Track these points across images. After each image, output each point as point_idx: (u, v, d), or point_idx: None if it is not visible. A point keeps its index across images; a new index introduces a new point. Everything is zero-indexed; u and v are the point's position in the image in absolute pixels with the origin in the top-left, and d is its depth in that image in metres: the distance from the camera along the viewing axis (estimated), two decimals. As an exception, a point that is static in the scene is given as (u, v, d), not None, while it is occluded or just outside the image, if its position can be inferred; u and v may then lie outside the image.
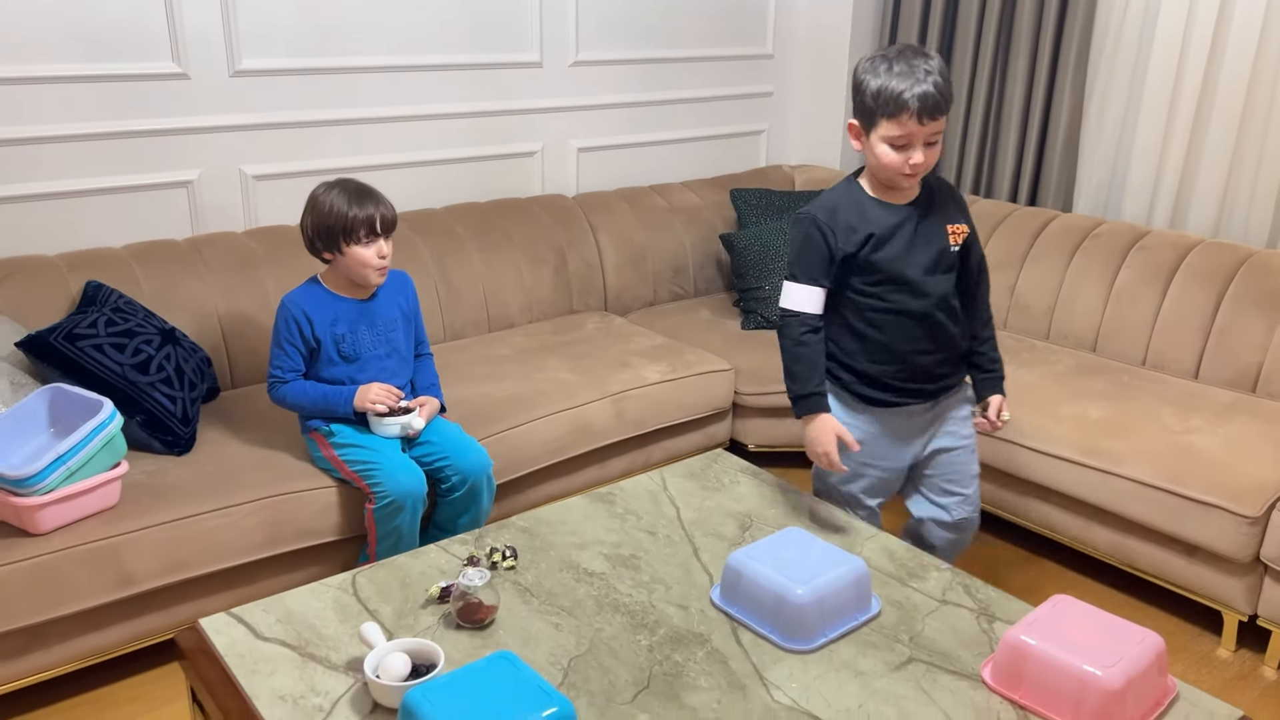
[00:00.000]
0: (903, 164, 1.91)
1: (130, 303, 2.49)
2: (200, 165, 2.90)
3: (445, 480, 2.37)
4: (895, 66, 1.87)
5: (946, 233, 2.03)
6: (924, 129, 1.88)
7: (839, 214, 2.01)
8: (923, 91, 1.84)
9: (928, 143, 1.90)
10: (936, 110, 1.88)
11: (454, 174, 3.39)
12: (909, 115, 1.86)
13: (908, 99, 1.85)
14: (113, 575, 2.07)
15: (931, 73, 1.86)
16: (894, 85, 1.86)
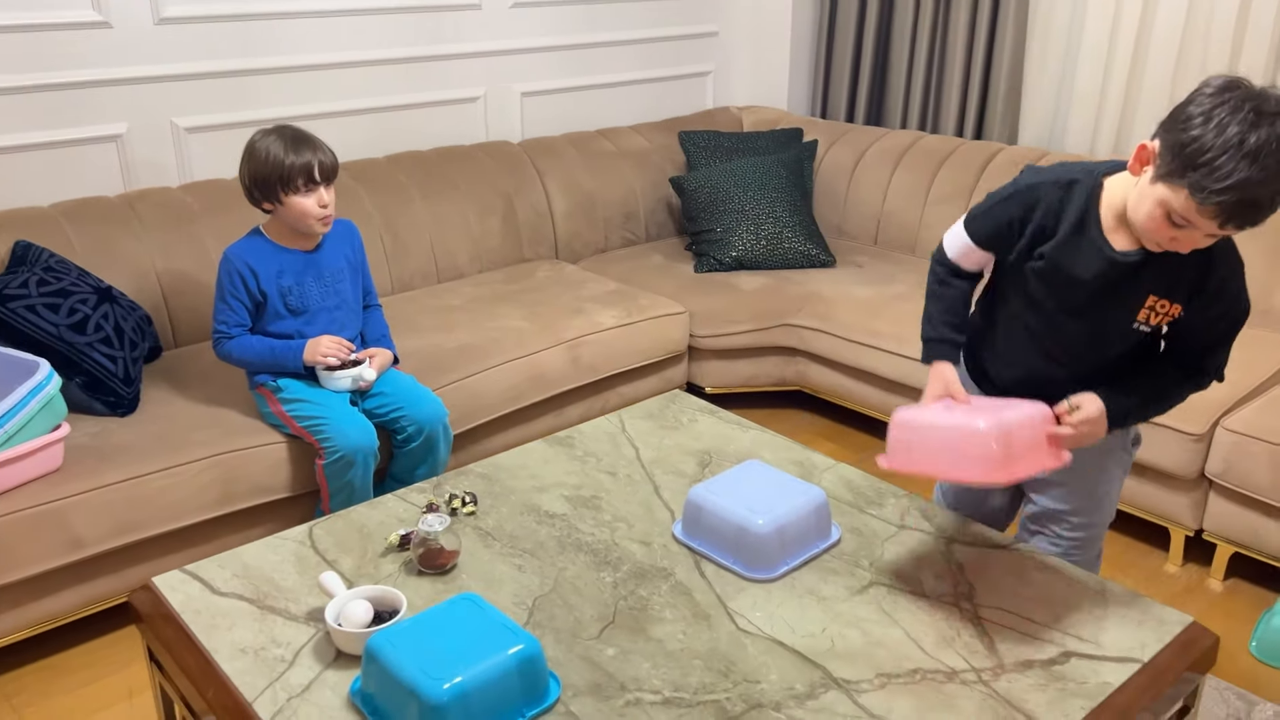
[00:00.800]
0: (1166, 236, 1.43)
1: (63, 262, 2.41)
2: (128, 118, 2.79)
3: (401, 431, 2.34)
4: (1234, 124, 1.29)
5: (1143, 302, 1.56)
6: (1216, 227, 1.37)
7: (1050, 205, 1.59)
8: (1238, 198, 1.31)
9: (1209, 234, 1.40)
10: (1251, 221, 1.35)
11: (394, 122, 3.31)
12: (1209, 211, 1.34)
13: (1216, 189, 1.30)
14: (61, 539, 2.02)
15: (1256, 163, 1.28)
16: (1215, 156, 1.30)
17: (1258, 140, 1.28)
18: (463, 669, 1.33)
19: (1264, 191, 1.31)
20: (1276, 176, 1.29)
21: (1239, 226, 1.36)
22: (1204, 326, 1.58)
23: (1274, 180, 1.30)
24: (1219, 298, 1.55)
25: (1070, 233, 1.57)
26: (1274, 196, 1.32)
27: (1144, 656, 1.51)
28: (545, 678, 1.42)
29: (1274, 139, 1.28)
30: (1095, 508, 1.82)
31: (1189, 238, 1.42)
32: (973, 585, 1.67)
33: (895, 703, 1.42)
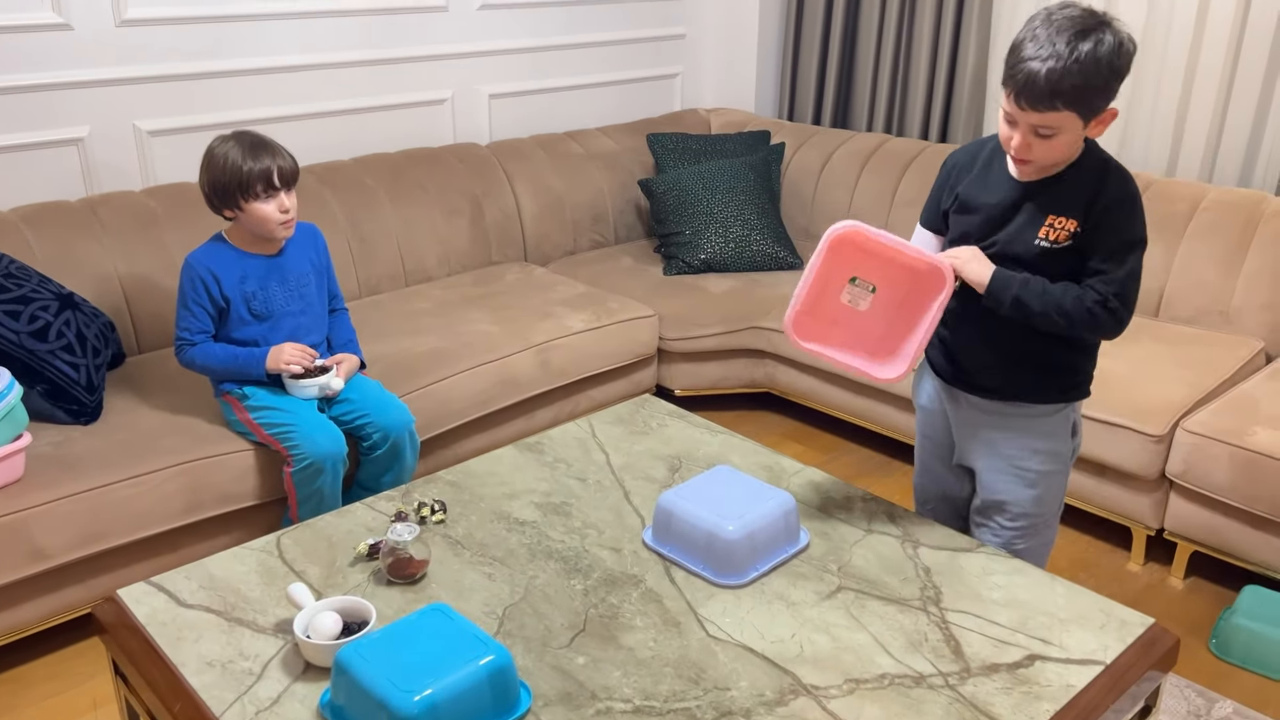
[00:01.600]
0: (1006, 139, 1.64)
1: (23, 268, 2.37)
2: (89, 121, 2.75)
3: (367, 438, 2.33)
4: (1036, 28, 1.56)
5: (1044, 221, 1.69)
6: (1023, 114, 1.58)
7: (961, 160, 1.83)
8: (1030, 70, 1.53)
9: (1038, 133, 1.59)
10: (1036, 100, 1.54)
11: (360, 124, 3.29)
12: (1010, 92, 1.57)
13: (1015, 72, 1.55)
14: (23, 550, 1.99)
15: (1060, 55, 1.51)
16: (1020, 50, 1.56)
17: (1046, 32, 1.53)
18: (433, 680, 1.33)
19: (1040, 66, 1.52)
20: (1052, 54, 1.51)
21: (1030, 103, 1.55)
22: (1095, 243, 1.68)
23: (1050, 57, 1.51)
24: (1106, 216, 1.67)
25: (980, 170, 1.78)
26: (1050, 73, 1.51)
27: (1107, 658, 1.53)
28: (516, 688, 1.42)
29: (1060, 30, 1.52)
30: (1033, 499, 1.86)
31: (1020, 137, 1.60)
32: (939, 589, 1.69)
33: (864, 708, 1.43)
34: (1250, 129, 3.02)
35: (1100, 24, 1.53)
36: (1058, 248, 1.70)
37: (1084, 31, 1.52)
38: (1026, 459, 1.84)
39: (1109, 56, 1.52)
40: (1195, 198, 2.89)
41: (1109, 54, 1.52)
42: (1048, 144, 1.61)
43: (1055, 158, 1.65)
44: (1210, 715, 1.99)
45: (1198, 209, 2.86)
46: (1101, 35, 1.52)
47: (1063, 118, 1.56)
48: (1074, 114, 1.56)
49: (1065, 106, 1.54)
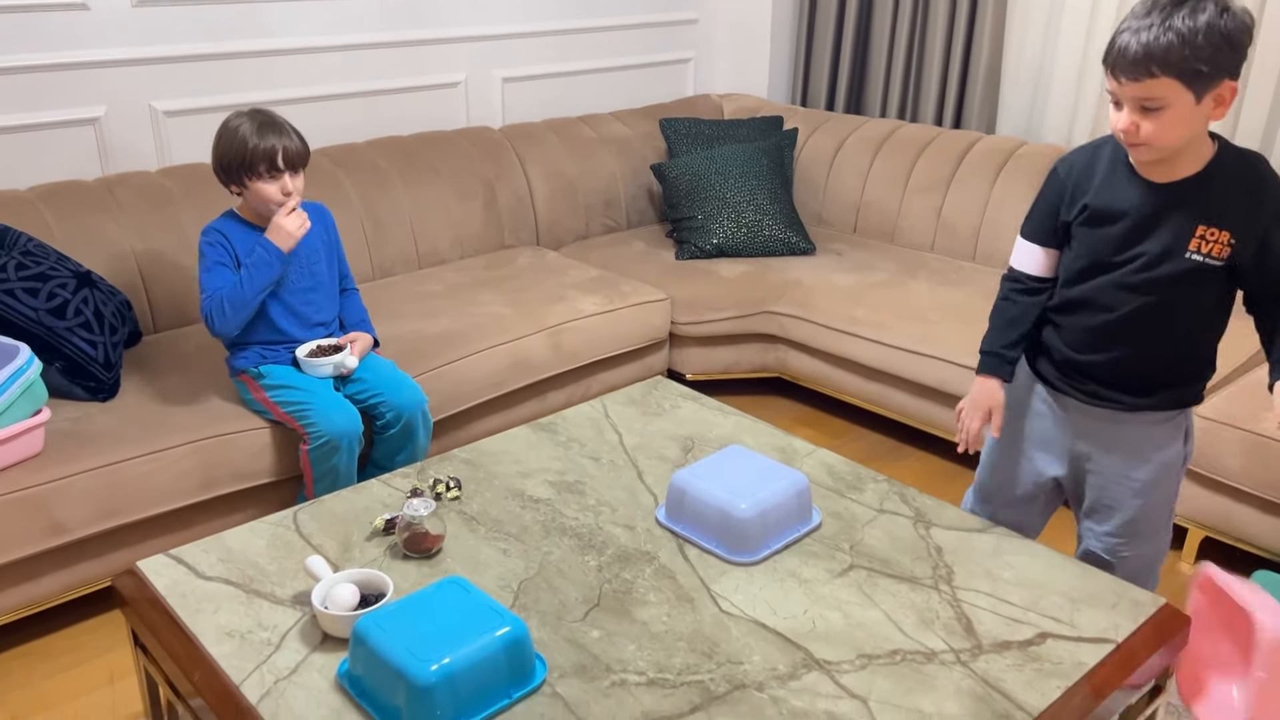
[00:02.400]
0: (1114, 123, 1.55)
1: (41, 246, 2.39)
2: (105, 101, 2.77)
3: (380, 417, 2.35)
4: (1136, 4, 1.50)
5: (1193, 231, 1.59)
6: (1123, 89, 1.51)
7: (1078, 164, 1.71)
8: (1124, 41, 1.48)
9: (1143, 108, 1.50)
10: (1131, 69, 1.47)
11: (375, 106, 3.30)
12: (1108, 68, 1.52)
13: (1111, 46, 1.50)
14: (42, 524, 2.01)
15: (1154, 23, 1.45)
16: (1119, 27, 1.50)
17: (1144, 6, 1.47)
18: (450, 651, 1.35)
19: (1132, 35, 1.46)
20: (1146, 24, 1.45)
21: (1125, 73, 1.48)
22: (1268, 260, 1.58)
23: (1144, 27, 1.45)
24: (1277, 224, 1.57)
25: (1106, 175, 1.66)
26: (1144, 39, 1.45)
27: (1118, 637, 1.54)
28: (532, 659, 1.43)
29: (1158, 3, 1.46)
30: (1140, 508, 1.80)
31: (1125, 116, 1.52)
32: (951, 568, 1.70)
33: (875, 683, 1.44)
34: None
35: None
36: (1213, 263, 1.59)
37: (1182, 2, 1.45)
38: (1136, 468, 1.77)
39: (1211, 20, 1.44)
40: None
41: (1210, 19, 1.44)
42: (1157, 121, 1.49)
43: (1170, 138, 1.51)
44: (1219, 698, 2.00)
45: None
46: (1203, 3, 1.45)
47: (1164, 86, 1.46)
48: (1176, 82, 1.46)
49: (1163, 73, 1.45)
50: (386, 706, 1.36)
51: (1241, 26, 1.46)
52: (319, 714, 1.38)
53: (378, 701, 1.37)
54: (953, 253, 3.35)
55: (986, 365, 1.84)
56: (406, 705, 1.32)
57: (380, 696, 1.37)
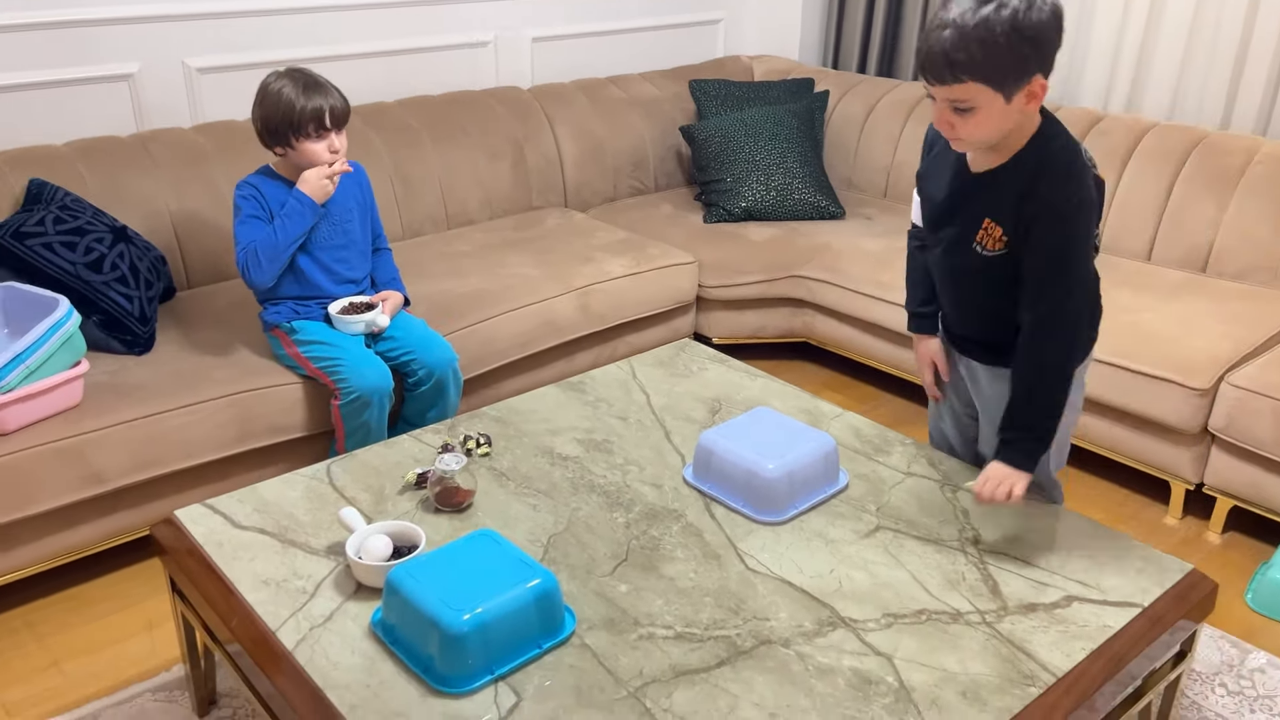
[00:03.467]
0: (933, 118, 1.56)
1: (78, 200, 2.42)
2: (140, 58, 2.78)
3: (411, 375, 2.37)
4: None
5: (980, 224, 1.62)
6: (933, 89, 1.50)
7: (933, 137, 1.75)
8: (929, 42, 1.46)
9: (955, 108, 1.49)
10: (937, 73, 1.45)
11: (405, 65, 3.29)
12: (917, 67, 1.56)
13: (919, 44, 1.49)
14: (81, 473, 2.05)
15: (957, 23, 1.41)
16: (928, 20, 1.49)
17: (933, 16, 1.45)
18: (482, 601, 1.37)
19: (937, 36, 1.43)
20: (951, 22, 1.41)
21: (931, 76, 1.47)
22: (1026, 259, 1.59)
23: (948, 26, 1.41)
24: (1034, 224, 1.56)
25: (939, 152, 1.71)
26: (946, 42, 1.41)
27: (1144, 601, 1.55)
28: (561, 611, 1.46)
29: (948, 8, 1.42)
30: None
31: (938, 112, 1.52)
32: (978, 531, 1.71)
33: (901, 641, 1.46)
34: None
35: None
36: (996, 256, 1.62)
37: (997, 5, 1.40)
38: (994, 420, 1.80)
39: (1012, 20, 1.39)
40: (1249, 151, 2.84)
41: (1012, 18, 1.39)
42: (969, 120, 1.48)
43: (984, 134, 1.51)
44: (1244, 665, 2.00)
45: (1251, 162, 2.81)
46: (1008, 4, 1.40)
47: (971, 90, 1.44)
48: (983, 85, 1.44)
49: (969, 78, 1.43)
50: (419, 654, 1.39)
51: (1047, 21, 1.43)
52: (353, 661, 1.42)
53: (410, 649, 1.40)
54: (984, 219, 3.32)
55: (911, 324, 1.94)
56: (439, 653, 1.35)
57: (413, 644, 1.40)
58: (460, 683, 1.35)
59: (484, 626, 1.36)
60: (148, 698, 1.90)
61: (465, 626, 1.34)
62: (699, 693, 1.36)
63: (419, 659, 1.39)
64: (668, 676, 1.39)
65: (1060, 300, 1.59)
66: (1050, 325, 1.60)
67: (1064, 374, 1.63)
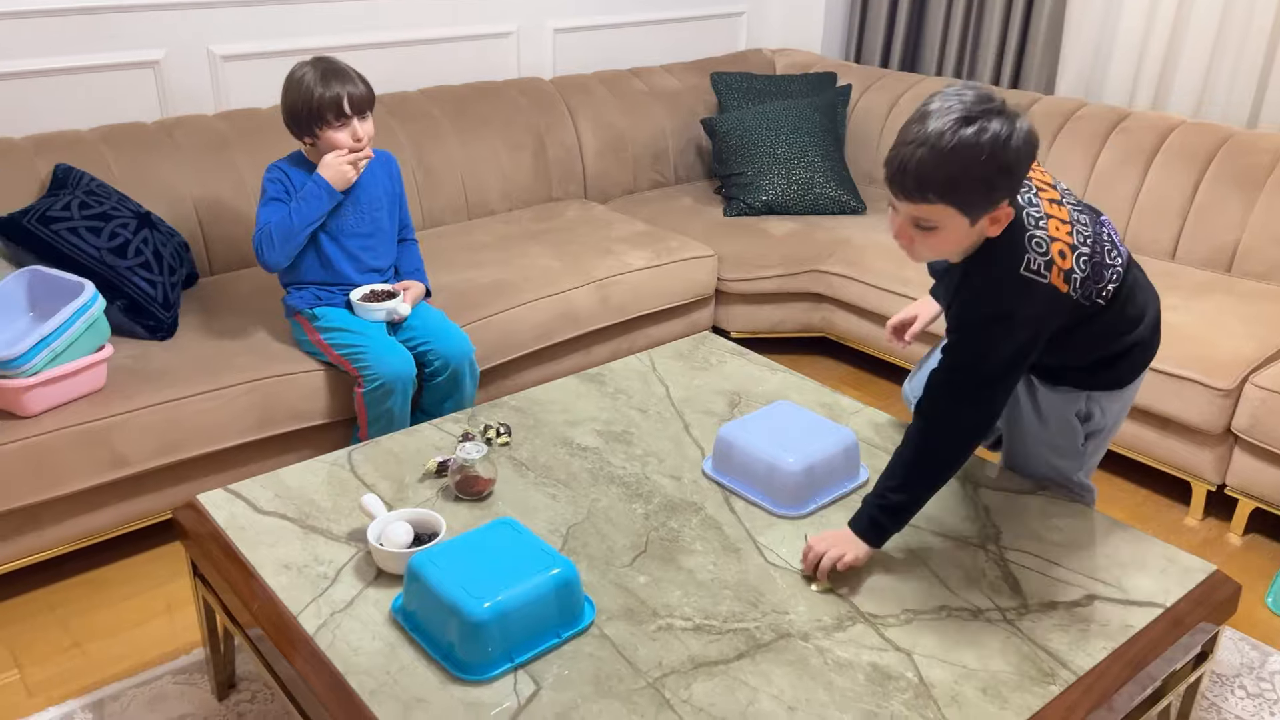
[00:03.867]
0: (890, 224, 1.52)
1: (103, 186, 2.43)
2: (165, 44, 2.79)
3: (428, 365, 2.37)
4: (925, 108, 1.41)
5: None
6: (898, 202, 1.46)
7: None
8: (902, 156, 1.40)
9: (918, 225, 1.46)
10: (905, 190, 1.42)
11: (427, 55, 3.30)
12: (885, 176, 1.45)
13: (891, 156, 1.43)
14: (104, 457, 2.07)
15: (934, 143, 1.36)
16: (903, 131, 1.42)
17: (931, 115, 1.38)
18: (503, 589, 1.38)
19: (912, 153, 1.38)
20: (927, 141, 1.36)
21: (901, 192, 1.42)
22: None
23: (924, 144, 1.36)
24: (950, 329, 1.56)
25: None
26: (921, 161, 1.37)
27: (1166, 602, 1.54)
28: (581, 601, 1.46)
29: (943, 114, 1.36)
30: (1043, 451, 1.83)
31: (898, 225, 1.48)
32: (999, 529, 1.70)
33: (921, 637, 1.46)
34: (1340, 81, 2.91)
35: (989, 111, 1.36)
36: None
37: (968, 119, 1.35)
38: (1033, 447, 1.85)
39: (991, 147, 1.35)
40: (1276, 150, 2.80)
41: (991, 144, 1.35)
42: (929, 238, 1.45)
43: (940, 254, 1.51)
44: (1264, 668, 1.99)
45: (1279, 162, 2.78)
46: (987, 124, 1.35)
47: (938, 211, 1.41)
48: (951, 208, 1.41)
49: (939, 199, 1.40)
50: (439, 641, 1.39)
51: (1023, 149, 1.38)
52: (373, 646, 1.42)
53: (430, 636, 1.41)
54: (1006, 215, 3.30)
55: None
56: (459, 640, 1.36)
57: (433, 631, 1.40)
58: (479, 670, 1.36)
59: (504, 615, 1.36)
60: (168, 680, 1.91)
61: (485, 614, 1.35)
62: (718, 684, 1.36)
63: (439, 646, 1.39)
64: (687, 668, 1.39)
65: (934, 415, 1.56)
66: (940, 425, 1.56)
67: (942, 476, 1.58)
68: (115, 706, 1.85)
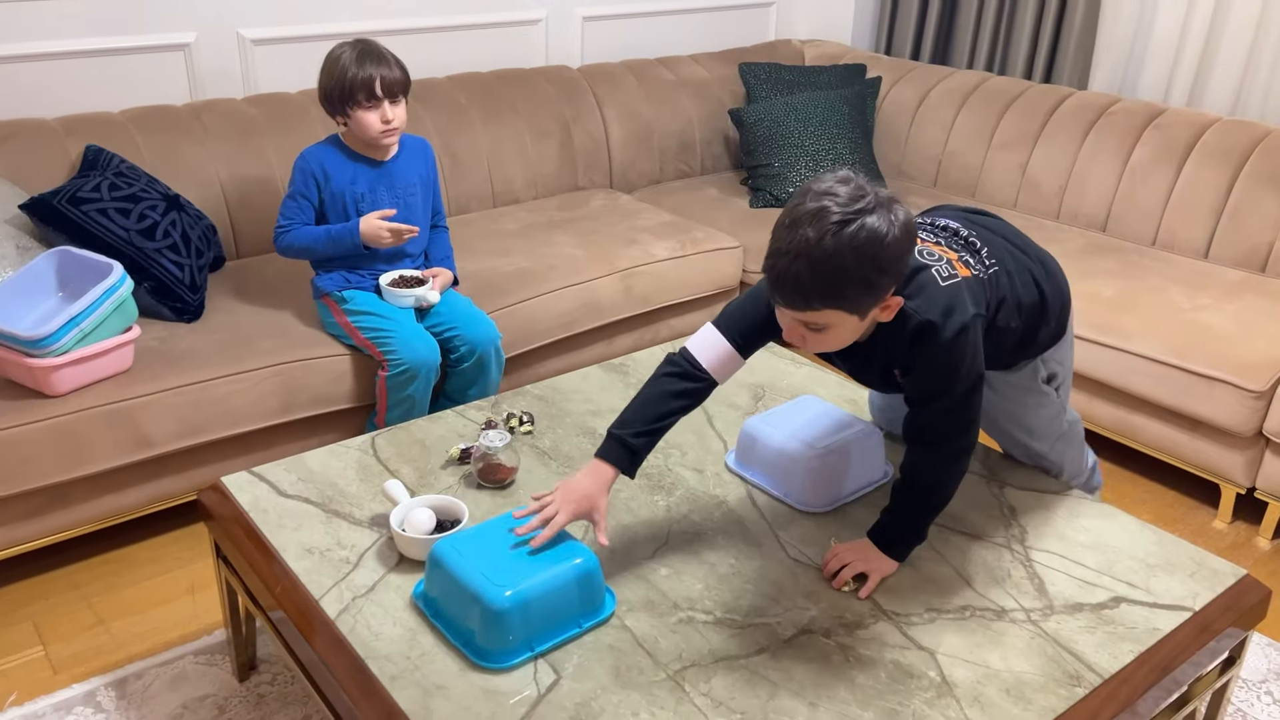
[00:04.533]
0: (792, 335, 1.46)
1: (132, 168, 2.44)
2: (196, 28, 2.80)
3: (454, 351, 2.37)
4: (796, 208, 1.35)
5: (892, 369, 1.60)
6: (782, 310, 1.42)
7: None
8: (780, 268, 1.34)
9: (809, 327, 1.41)
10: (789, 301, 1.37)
11: (455, 42, 3.29)
12: (768, 286, 1.40)
13: (768, 264, 1.37)
14: (130, 437, 2.08)
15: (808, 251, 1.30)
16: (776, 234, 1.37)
17: (803, 218, 1.31)
18: (525, 577, 1.37)
19: (789, 265, 1.32)
20: (802, 249, 1.30)
21: (786, 304, 1.37)
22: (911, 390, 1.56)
23: (798, 253, 1.30)
24: (917, 384, 1.54)
25: None
26: (799, 273, 1.31)
27: (1195, 606, 1.52)
28: (602, 591, 1.46)
29: (815, 217, 1.30)
30: (1030, 436, 1.86)
31: (790, 328, 1.43)
32: (1024, 529, 1.68)
33: (944, 636, 1.44)
34: (1382, 79, 2.85)
35: (863, 210, 1.30)
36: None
37: (844, 221, 1.29)
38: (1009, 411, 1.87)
39: (871, 249, 1.30)
40: (1315, 150, 2.76)
41: (870, 245, 1.30)
42: (822, 337, 1.42)
43: (836, 347, 1.46)
44: (1291, 675, 1.96)
45: (1317, 161, 2.73)
46: (864, 222, 1.29)
47: (826, 315, 1.37)
48: (839, 311, 1.36)
49: (824, 305, 1.35)
50: (461, 628, 1.39)
51: (900, 244, 1.34)
52: (394, 632, 1.42)
53: (452, 623, 1.41)
54: (1035, 211, 3.26)
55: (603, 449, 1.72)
56: (480, 628, 1.36)
57: (455, 618, 1.41)
58: (500, 659, 1.36)
59: (525, 604, 1.36)
60: (189, 660, 1.93)
61: (507, 603, 1.35)
62: (738, 679, 1.36)
63: (461, 633, 1.39)
64: (707, 661, 1.38)
65: (952, 424, 1.55)
66: (947, 446, 1.56)
67: (953, 490, 1.60)
68: (138, 685, 1.87)
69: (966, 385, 1.51)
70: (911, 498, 1.58)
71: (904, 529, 1.57)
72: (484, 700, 1.31)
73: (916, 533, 1.58)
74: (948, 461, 1.56)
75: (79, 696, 1.84)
